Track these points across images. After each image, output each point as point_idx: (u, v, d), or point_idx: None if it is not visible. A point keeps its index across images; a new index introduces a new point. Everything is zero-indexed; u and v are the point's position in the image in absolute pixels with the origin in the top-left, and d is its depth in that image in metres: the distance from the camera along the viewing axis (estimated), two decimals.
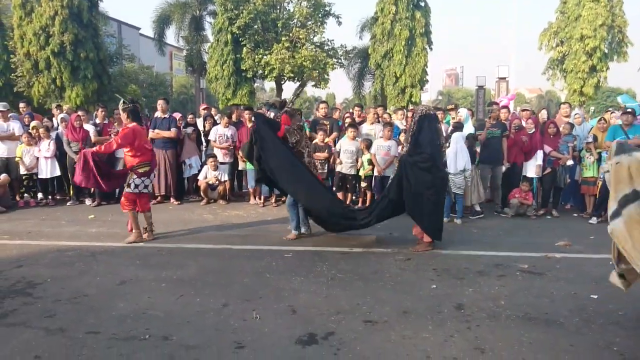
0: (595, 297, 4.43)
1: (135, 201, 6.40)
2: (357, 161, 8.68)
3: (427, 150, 5.86)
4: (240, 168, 9.61)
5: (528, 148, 8.38)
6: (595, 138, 8.39)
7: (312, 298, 4.40)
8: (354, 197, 9.12)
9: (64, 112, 10.28)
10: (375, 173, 8.46)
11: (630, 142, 7.13)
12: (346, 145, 8.71)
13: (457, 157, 7.62)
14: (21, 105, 10.65)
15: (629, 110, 8.33)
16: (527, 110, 9.69)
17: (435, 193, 5.87)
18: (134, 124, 6.35)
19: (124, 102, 6.76)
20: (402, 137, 8.74)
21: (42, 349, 3.39)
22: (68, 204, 9.14)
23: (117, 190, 9.09)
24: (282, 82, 25.40)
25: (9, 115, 9.45)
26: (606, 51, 24.75)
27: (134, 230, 6.44)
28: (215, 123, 9.94)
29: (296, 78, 24.04)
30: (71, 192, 9.39)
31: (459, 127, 7.87)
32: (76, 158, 8.81)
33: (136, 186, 6.33)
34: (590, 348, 3.48)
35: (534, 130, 8.50)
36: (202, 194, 9.27)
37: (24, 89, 23.01)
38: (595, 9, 23.59)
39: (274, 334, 3.64)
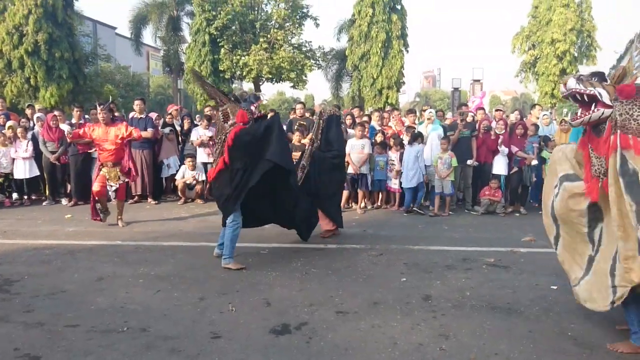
0: (555, 287, 4.68)
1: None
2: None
3: (336, 147, 6.60)
4: None
5: (494, 146, 8.71)
6: (547, 138, 8.78)
7: (287, 292, 4.56)
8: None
9: (37, 111, 10.22)
10: (351, 171, 8.61)
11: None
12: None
13: (432, 151, 8.52)
14: None
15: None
16: (500, 110, 10.05)
17: (342, 186, 6.89)
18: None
19: (100, 103, 7.22)
20: (377, 138, 8.97)
21: (22, 341, 3.48)
22: (44, 203, 9.13)
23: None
24: (261, 83, 25.52)
25: None
26: (576, 55, 25.51)
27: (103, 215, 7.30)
28: (193, 122, 10.03)
29: (274, 79, 24.19)
30: (47, 192, 9.37)
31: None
32: (52, 158, 8.87)
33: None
34: (547, 334, 3.71)
35: (504, 130, 8.82)
36: (179, 193, 9.35)
37: None
38: (565, 14, 24.31)
39: (249, 325, 3.79)
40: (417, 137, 8.49)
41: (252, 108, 5.38)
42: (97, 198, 7.18)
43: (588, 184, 3.49)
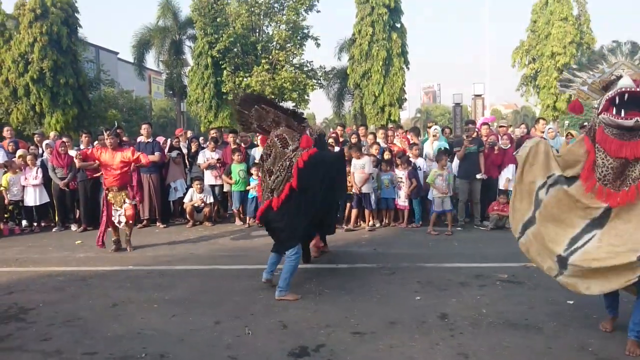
0: (572, 302, 4.66)
1: None
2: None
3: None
4: (225, 190, 9.75)
5: (499, 161, 8.74)
6: None
7: (302, 313, 4.55)
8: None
9: (50, 138, 10.32)
10: (354, 191, 8.60)
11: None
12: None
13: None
14: (6, 130, 10.66)
15: (585, 124, 8.83)
16: (504, 126, 10.11)
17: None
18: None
19: (106, 129, 7.38)
20: (386, 155, 8.99)
21: None
22: (53, 230, 9.16)
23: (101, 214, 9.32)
24: None
25: None
26: None
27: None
28: (200, 145, 10.11)
29: (277, 99, 24.35)
30: (56, 218, 9.40)
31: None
32: (61, 184, 8.93)
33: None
34: (567, 350, 3.69)
35: (509, 145, 8.86)
36: (188, 216, 9.37)
37: (2, 116, 22.90)
38: (564, 27, 24.54)
39: (267, 348, 3.78)
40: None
41: (308, 132, 5.45)
42: (111, 228, 7.27)
43: (599, 192, 3.55)
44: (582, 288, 3.63)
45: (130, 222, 7.36)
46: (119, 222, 7.28)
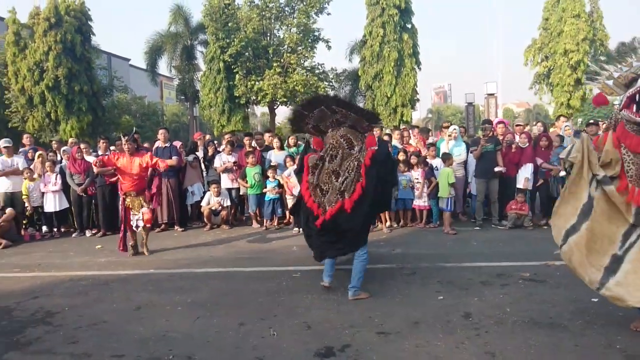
0: (596, 300, 4.61)
1: None
2: None
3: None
4: (241, 193, 9.80)
5: (517, 160, 8.70)
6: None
7: (325, 314, 4.56)
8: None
9: (68, 145, 10.46)
10: None
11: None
12: None
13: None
14: (25, 137, 10.87)
15: (591, 122, 8.73)
16: (520, 125, 10.07)
17: None
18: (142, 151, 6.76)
19: (124, 134, 7.51)
20: (400, 156, 8.99)
21: None
22: (73, 235, 9.26)
23: (119, 220, 9.47)
24: (275, 107, 25.78)
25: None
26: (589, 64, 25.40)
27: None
28: (216, 149, 10.18)
29: (289, 102, 24.42)
30: (75, 223, 9.50)
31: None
32: (78, 190, 9.03)
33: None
34: (594, 347, 3.66)
35: (527, 144, 8.80)
36: (205, 219, 9.43)
37: (18, 124, 23.18)
38: (576, 24, 24.29)
39: (293, 349, 3.80)
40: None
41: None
42: (130, 234, 7.36)
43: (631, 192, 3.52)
44: (633, 301, 3.58)
45: (148, 226, 7.43)
46: (137, 227, 7.34)
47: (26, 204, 9.21)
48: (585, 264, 3.83)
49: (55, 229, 9.44)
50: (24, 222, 9.42)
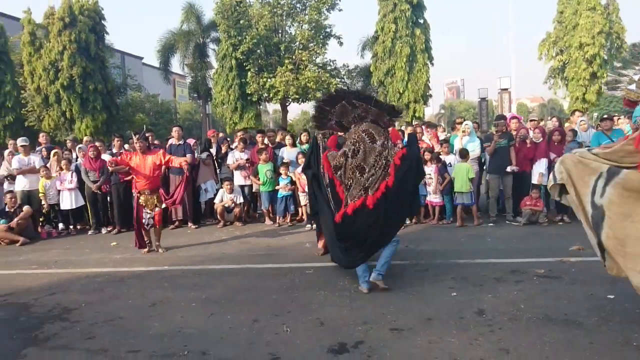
0: (612, 297, 4.58)
1: None
2: None
3: (314, 170, 5.96)
4: (254, 190, 9.84)
5: (531, 155, 8.62)
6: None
7: (338, 310, 4.57)
8: None
9: (84, 143, 10.61)
10: None
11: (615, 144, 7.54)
12: None
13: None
14: (41, 136, 11.05)
15: (605, 116, 8.60)
16: (535, 120, 10.00)
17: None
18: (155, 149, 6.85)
19: (135, 132, 7.41)
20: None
21: None
22: (89, 232, 9.37)
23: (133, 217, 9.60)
24: (287, 104, 25.83)
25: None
26: (606, 57, 25.04)
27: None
28: (229, 147, 10.23)
29: (301, 99, 24.45)
30: (91, 221, 9.61)
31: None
32: (93, 187, 9.12)
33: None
34: (610, 345, 3.62)
35: (541, 139, 8.72)
36: (218, 216, 9.49)
37: (34, 123, 23.51)
38: (592, 17, 23.94)
39: (306, 345, 3.81)
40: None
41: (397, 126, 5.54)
42: (144, 232, 7.43)
43: None
44: None
45: (158, 226, 7.48)
46: (147, 225, 7.39)
47: (43, 202, 9.36)
48: (630, 270, 3.72)
49: (71, 227, 9.58)
50: (41, 219, 9.58)
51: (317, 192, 5.78)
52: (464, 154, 8.67)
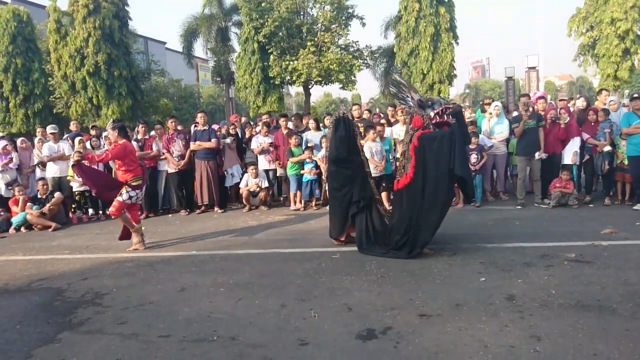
0: None
1: (123, 210, 6.75)
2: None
3: (334, 152, 6.22)
4: (279, 174, 9.85)
5: (564, 136, 8.40)
6: None
7: (366, 296, 4.56)
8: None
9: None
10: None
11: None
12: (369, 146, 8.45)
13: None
14: (72, 123, 11.35)
15: (635, 95, 8.27)
16: (564, 100, 9.73)
17: (340, 192, 6.25)
18: (124, 140, 6.78)
19: (113, 121, 7.41)
20: None
21: (122, 353, 3.65)
22: None
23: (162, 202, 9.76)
24: (310, 87, 25.70)
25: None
26: (639, 33, 24.18)
27: (133, 232, 6.91)
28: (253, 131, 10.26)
29: (323, 82, 24.29)
30: None
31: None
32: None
33: (130, 197, 6.75)
34: None
35: (568, 119, 8.49)
36: (244, 201, 9.55)
37: (62, 110, 23.93)
38: None
39: (334, 331, 3.82)
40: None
41: (431, 113, 5.63)
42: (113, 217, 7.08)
43: None
44: None
45: (115, 216, 6.81)
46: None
47: (74, 188, 9.54)
48: None
49: (100, 212, 9.77)
50: (72, 205, 9.78)
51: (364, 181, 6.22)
52: None
